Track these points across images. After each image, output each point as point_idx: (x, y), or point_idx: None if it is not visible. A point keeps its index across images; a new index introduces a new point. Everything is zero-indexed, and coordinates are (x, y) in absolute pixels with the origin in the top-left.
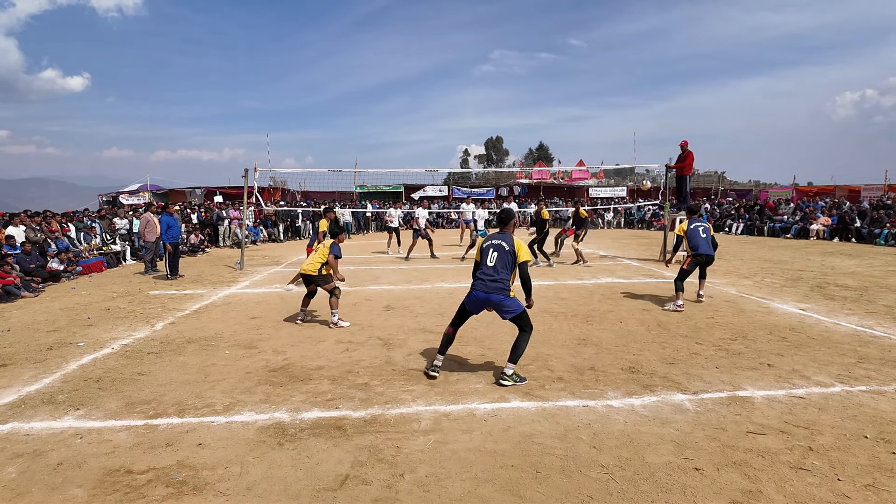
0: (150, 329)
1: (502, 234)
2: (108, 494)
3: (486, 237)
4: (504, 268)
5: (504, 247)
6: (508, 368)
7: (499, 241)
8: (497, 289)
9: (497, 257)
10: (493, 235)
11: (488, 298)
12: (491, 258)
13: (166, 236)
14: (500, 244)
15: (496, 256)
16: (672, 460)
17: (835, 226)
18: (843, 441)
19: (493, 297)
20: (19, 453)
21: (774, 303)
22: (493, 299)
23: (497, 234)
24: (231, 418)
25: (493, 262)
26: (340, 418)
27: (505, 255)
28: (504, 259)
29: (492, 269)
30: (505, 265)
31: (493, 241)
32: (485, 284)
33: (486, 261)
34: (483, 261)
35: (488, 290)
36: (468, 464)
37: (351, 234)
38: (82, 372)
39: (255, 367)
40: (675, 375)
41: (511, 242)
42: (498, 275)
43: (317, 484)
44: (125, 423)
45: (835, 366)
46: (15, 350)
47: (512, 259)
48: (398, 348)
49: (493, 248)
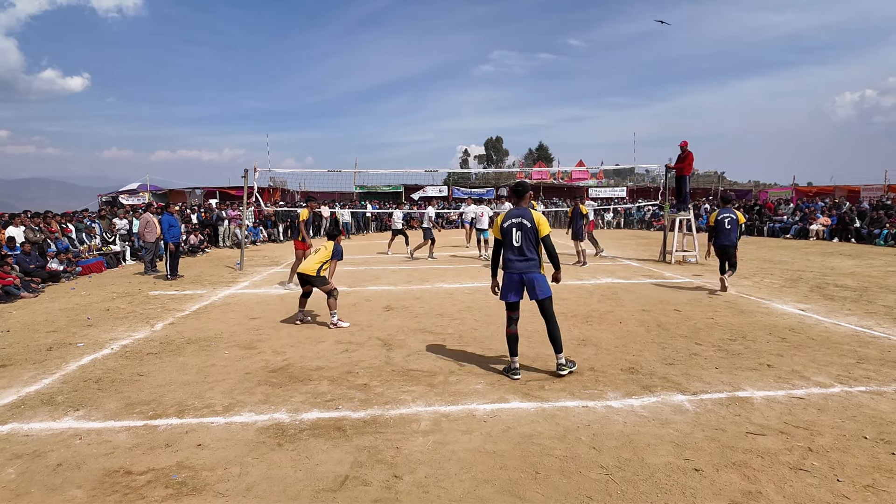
0: (150, 330)
1: (520, 210)
2: (107, 495)
3: (505, 215)
4: (530, 246)
5: (525, 224)
6: (560, 358)
7: (519, 219)
8: (529, 267)
9: (521, 236)
10: (511, 213)
11: (522, 278)
12: (516, 238)
13: (168, 235)
14: (521, 222)
15: (520, 235)
16: (671, 461)
17: (834, 226)
18: (843, 442)
19: (528, 276)
20: (19, 454)
21: (774, 303)
22: (527, 278)
23: (515, 210)
24: (230, 419)
25: (519, 241)
26: (340, 419)
27: (528, 233)
28: (528, 236)
29: (519, 248)
30: (530, 242)
31: (512, 219)
32: (516, 265)
33: (511, 241)
34: (508, 241)
35: (521, 269)
36: (468, 464)
37: (350, 234)
38: (82, 373)
39: (255, 367)
40: (674, 376)
41: (531, 218)
42: (527, 253)
43: (316, 485)
44: (125, 423)
45: (834, 366)
46: (14, 350)
47: (535, 235)
48: (398, 349)
49: (515, 226)
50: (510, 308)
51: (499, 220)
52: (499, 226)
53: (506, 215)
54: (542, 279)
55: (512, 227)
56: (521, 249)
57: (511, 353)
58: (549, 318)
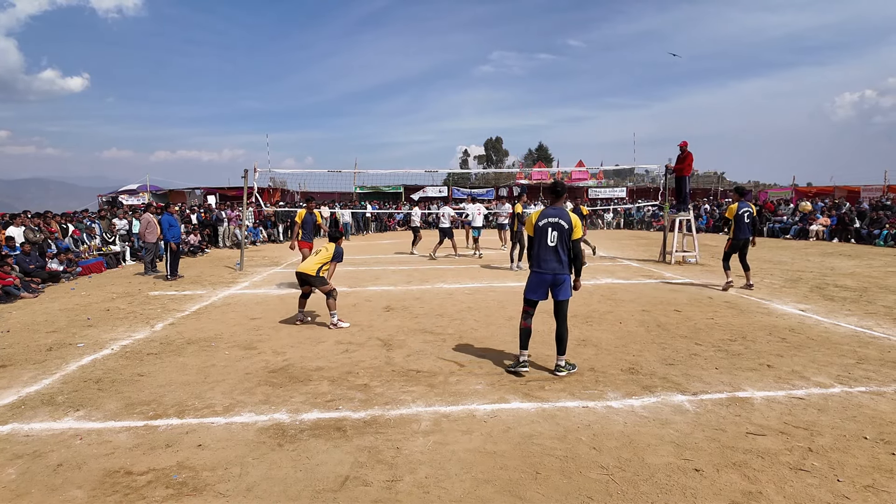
0: (150, 330)
1: (557, 210)
2: (108, 496)
3: (540, 213)
4: (564, 246)
5: (563, 225)
6: (561, 360)
7: (556, 219)
8: (563, 268)
9: (557, 236)
10: (547, 212)
11: (554, 279)
12: (551, 238)
13: (168, 235)
14: (558, 222)
15: (556, 235)
16: (672, 461)
17: (834, 226)
18: (843, 442)
19: (559, 277)
20: (19, 454)
21: (774, 303)
22: (559, 279)
23: (551, 209)
24: (231, 419)
25: (554, 241)
26: (340, 419)
27: (564, 233)
28: (563, 237)
29: (553, 248)
30: (564, 243)
31: (549, 218)
32: (548, 264)
33: (546, 241)
34: (542, 240)
35: (555, 270)
36: (468, 465)
37: (350, 234)
38: (82, 373)
39: (255, 368)
40: (674, 376)
41: (568, 219)
42: (561, 254)
43: (317, 485)
44: (125, 424)
45: (834, 367)
46: (14, 351)
47: (570, 236)
48: (398, 349)
49: (552, 226)
50: (529, 304)
51: (533, 217)
52: (532, 223)
53: (541, 214)
54: (569, 281)
55: (548, 226)
56: (556, 249)
57: (521, 346)
58: (562, 320)
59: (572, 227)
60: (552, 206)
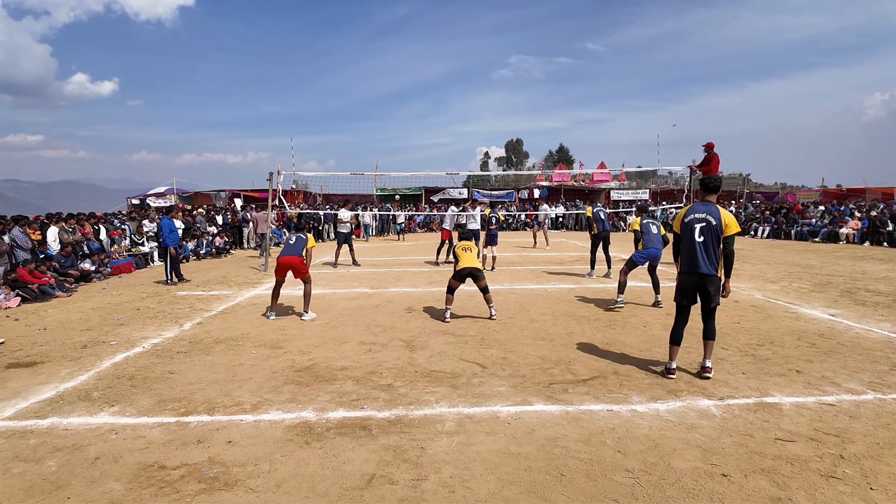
0: (179, 329)
1: (706, 206)
2: (143, 488)
3: (688, 209)
4: (713, 243)
5: (711, 221)
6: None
7: (703, 215)
8: (704, 263)
9: (705, 230)
10: (696, 207)
11: (697, 271)
12: (699, 234)
13: (168, 240)
14: (706, 217)
15: (704, 229)
16: (698, 466)
17: (865, 229)
18: (876, 450)
19: (702, 270)
20: (59, 447)
21: (802, 308)
22: (706, 279)
23: (700, 205)
24: (259, 417)
25: (702, 237)
26: (365, 418)
27: (712, 230)
28: (712, 233)
29: (701, 244)
30: (714, 240)
31: (696, 213)
32: (695, 262)
33: (693, 237)
34: (690, 237)
35: (695, 264)
36: (492, 465)
37: (370, 236)
38: (115, 370)
39: (282, 366)
40: (700, 381)
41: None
42: (708, 251)
43: (344, 482)
44: (158, 419)
45: (866, 373)
46: (51, 348)
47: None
48: (420, 350)
49: (698, 221)
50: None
51: (681, 213)
52: (680, 219)
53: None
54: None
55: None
56: (702, 246)
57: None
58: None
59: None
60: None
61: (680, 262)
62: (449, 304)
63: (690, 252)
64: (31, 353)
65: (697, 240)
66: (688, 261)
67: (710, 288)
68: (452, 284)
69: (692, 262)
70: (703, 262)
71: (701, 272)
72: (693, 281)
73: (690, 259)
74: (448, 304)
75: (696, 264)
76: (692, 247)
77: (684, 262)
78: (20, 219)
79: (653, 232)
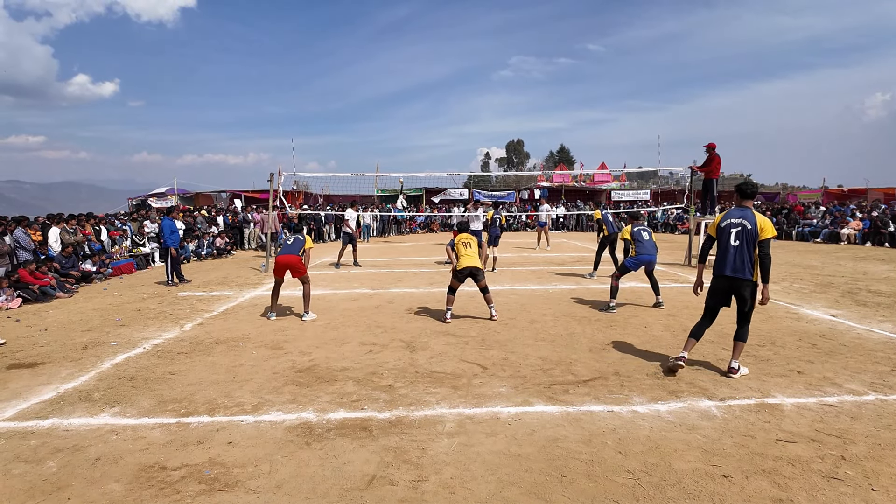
0: (180, 329)
1: (741, 211)
2: (144, 489)
3: (724, 214)
4: (748, 248)
5: (746, 225)
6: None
7: (739, 220)
8: (740, 268)
9: (741, 234)
10: (732, 212)
11: (732, 283)
12: (735, 238)
13: (169, 241)
14: (742, 222)
15: (739, 234)
16: (699, 467)
17: (867, 230)
18: (878, 451)
19: (738, 275)
20: (59, 448)
21: (804, 308)
22: (736, 276)
23: (736, 210)
24: (259, 418)
25: (738, 241)
26: (366, 419)
27: (748, 234)
28: (747, 238)
29: (736, 248)
30: (749, 245)
31: (732, 218)
32: (728, 266)
33: (728, 241)
34: (725, 241)
35: (734, 271)
36: (493, 466)
37: (371, 237)
38: (116, 370)
39: (282, 367)
40: (701, 381)
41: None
42: (742, 255)
43: (344, 483)
44: (158, 420)
45: (868, 373)
46: (52, 349)
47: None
48: (421, 351)
49: (734, 226)
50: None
51: (717, 218)
52: (715, 224)
53: (725, 214)
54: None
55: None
56: (738, 251)
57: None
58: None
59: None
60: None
61: (714, 266)
62: (450, 304)
63: (725, 256)
64: (32, 354)
65: (733, 244)
66: (722, 264)
67: (744, 292)
68: (453, 284)
69: (726, 265)
70: (737, 265)
71: (734, 276)
72: (725, 284)
73: (725, 263)
74: (449, 305)
75: (729, 268)
76: (727, 251)
77: (718, 265)
78: (21, 220)
79: (645, 238)
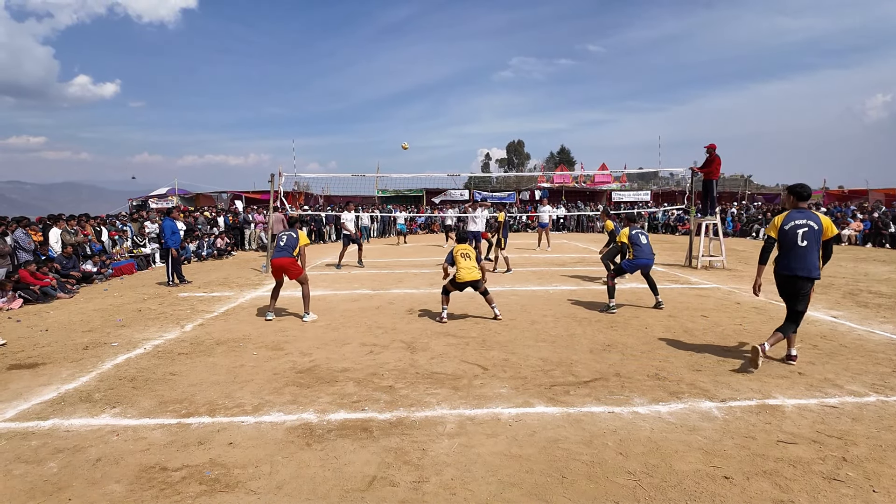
0: (180, 330)
1: (802, 213)
2: (144, 490)
3: (786, 216)
4: (815, 247)
5: (813, 226)
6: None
7: (804, 221)
8: (812, 267)
9: (808, 235)
10: (794, 214)
11: (809, 276)
12: (802, 239)
13: (170, 241)
14: (807, 223)
15: (808, 235)
16: (700, 468)
17: (867, 231)
18: (879, 452)
19: (813, 275)
20: (60, 448)
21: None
22: (811, 276)
23: (796, 212)
24: (260, 418)
25: (805, 242)
26: (367, 420)
27: (814, 235)
28: (814, 238)
29: (804, 248)
30: (815, 245)
31: (795, 220)
32: (798, 264)
33: (796, 241)
34: (791, 243)
35: (804, 269)
36: (494, 468)
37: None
38: (117, 371)
39: (283, 368)
40: (702, 382)
41: (818, 221)
42: (812, 254)
43: (345, 484)
44: (159, 421)
45: (869, 375)
46: (53, 349)
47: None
48: (422, 352)
49: (800, 227)
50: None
51: (778, 220)
52: (777, 226)
53: (787, 216)
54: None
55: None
56: (806, 251)
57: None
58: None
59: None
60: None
61: (780, 266)
62: (445, 304)
63: (793, 256)
64: (33, 355)
65: (801, 244)
66: (788, 265)
67: (807, 290)
68: (448, 288)
69: (794, 266)
70: (806, 265)
71: (802, 276)
72: (793, 283)
73: (792, 263)
74: (444, 304)
75: (798, 268)
76: (794, 252)
77: (784, 265)
78: (22, 220)
79: (643, 242)
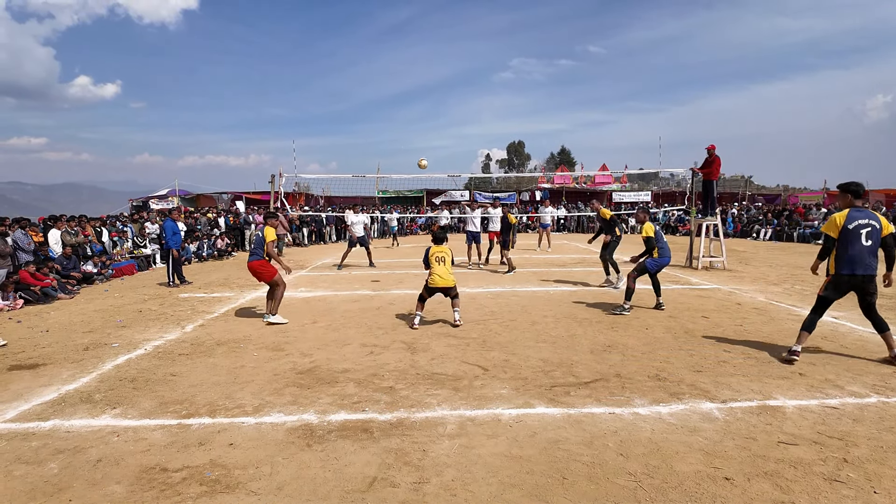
0: (181, 331)
1: (864, 212)
2: (145, 491)
3: (847, 216)
4: (877, 246)
5: (875, 226)
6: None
7: (866, 220)
8: (875, 266)
9: (872, 235)
10: (854, 214)
11: (874, 273)
12: (866, 238)
13: (171, 242)
14: (870, 223)
15: (871, 234)
16: (701, 469)
17: None
18: (880, 453)
19: (871, 275)
20: (60, 449)
21: (805, 310)
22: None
23: (856, 211)
24: (260, 419)
25: (870, 241)
26: (367, 421)
27: (876, 234)
28: (876, 236)
29: (868, 248)
30: (876, 244)
31: (859, 220)
32: (861, 265)
33: (860, 241)
34: (854, 241)
35: (868, 269)
36: (494, 468)
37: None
38: (117, 372)
39: (283, 369)
40: (702, 383)
41: (878, 221)
42: (874, 253)
43: (345, 485)
44: (159, 422)
45: (870, 375)
46: (54, 350)
47: (880, 235)
48: (422, 352)
49: (863, 227)
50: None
51: (839, 220)
52: (839, 226)
53: (848, 216)
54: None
55: (860, 227)
56: (871, 250)
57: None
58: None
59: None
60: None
61: (844, 265)
62: (419, 310)
63: (858, 255)
64: (34, 355)
65: (865, 244)
66: (853, 263)
67: (872, 287)
68: (424, 295)
69: (860, 264)
70: (870, 264)
71: (869, 274)
72: (857, 281)
73: (858, 262)
74: (418, 311)
75: (864, 266)
76: (860, 250)
77: (848, 264)
78: (21, 220)
79: (664, 240)
